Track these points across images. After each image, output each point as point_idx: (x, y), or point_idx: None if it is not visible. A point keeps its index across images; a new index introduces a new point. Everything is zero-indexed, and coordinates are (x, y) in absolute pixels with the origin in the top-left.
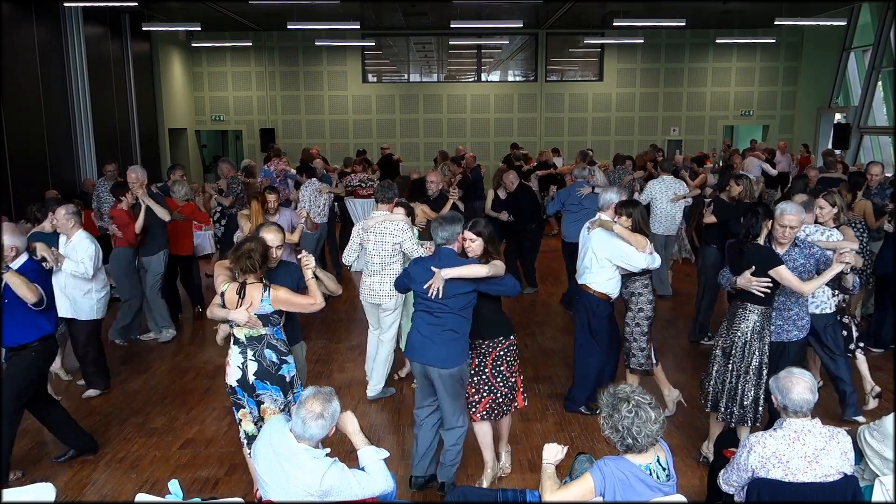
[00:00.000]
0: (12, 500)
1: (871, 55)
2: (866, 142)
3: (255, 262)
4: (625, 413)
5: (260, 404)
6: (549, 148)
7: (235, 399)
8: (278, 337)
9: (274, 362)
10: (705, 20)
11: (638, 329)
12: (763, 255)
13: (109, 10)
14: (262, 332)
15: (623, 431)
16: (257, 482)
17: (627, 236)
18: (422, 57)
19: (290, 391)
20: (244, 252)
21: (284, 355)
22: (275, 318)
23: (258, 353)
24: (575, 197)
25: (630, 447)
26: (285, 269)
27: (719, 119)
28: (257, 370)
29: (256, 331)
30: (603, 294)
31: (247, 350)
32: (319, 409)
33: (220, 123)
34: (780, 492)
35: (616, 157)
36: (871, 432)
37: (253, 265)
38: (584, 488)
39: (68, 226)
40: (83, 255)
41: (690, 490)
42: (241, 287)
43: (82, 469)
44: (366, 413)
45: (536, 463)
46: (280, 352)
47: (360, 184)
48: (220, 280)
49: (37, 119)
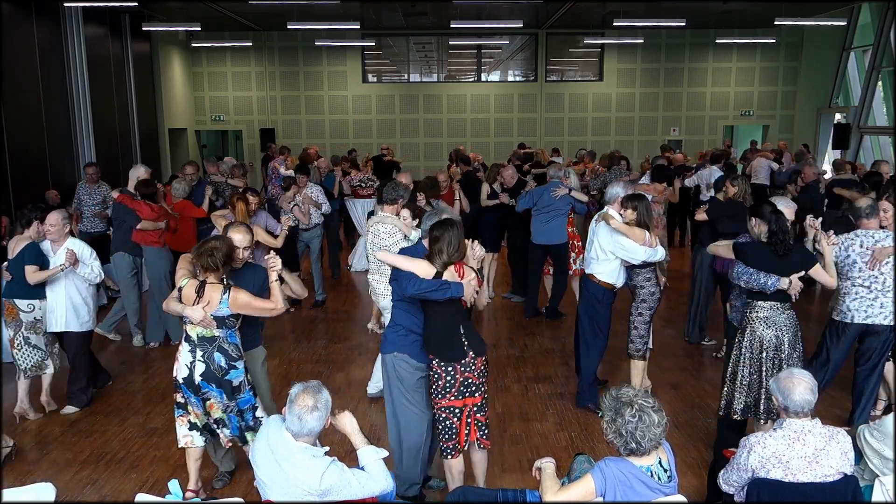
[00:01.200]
0: (12, 501)
1: (871, 55)
2: (866, 142)
3: (217, 261)
4: (628, 417)
5: (206, 401)
6: (550, 148)
7: (179, 396)
8: (231, 341)
9: (222, 367)
10: (705, 20)
11: (640, 318)
12: (804, 253)
13: (109, 10)
14: (215, 334)
15: (626, 436)
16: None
17: (625, 230)
18: (422, 57)
19: (235, 396)
20: (206, 249)
21: (234, 360)
22: (230, 321)
23: (207, 355)
24: (548, 198)
25: (633, 451)
26: (252, 271)
27: (719, 119)
28: (204, 371)
29: (209, 331)
30: (608, 284)
31: (196, 350)
32: (312, 402)
33: (220, 123)
34: (780, 492)
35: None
36: (871, 432)
37: (214, 263)
38: (584, 489)
39: (64, 231)
40: (89, 257)
41: (690, 490)
42: (200, 285)
43: (82, 469)
44: (366, 413)
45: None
46: (230, 356)
47: (360, 184)
48: (180, 273)
49: (37, 119)
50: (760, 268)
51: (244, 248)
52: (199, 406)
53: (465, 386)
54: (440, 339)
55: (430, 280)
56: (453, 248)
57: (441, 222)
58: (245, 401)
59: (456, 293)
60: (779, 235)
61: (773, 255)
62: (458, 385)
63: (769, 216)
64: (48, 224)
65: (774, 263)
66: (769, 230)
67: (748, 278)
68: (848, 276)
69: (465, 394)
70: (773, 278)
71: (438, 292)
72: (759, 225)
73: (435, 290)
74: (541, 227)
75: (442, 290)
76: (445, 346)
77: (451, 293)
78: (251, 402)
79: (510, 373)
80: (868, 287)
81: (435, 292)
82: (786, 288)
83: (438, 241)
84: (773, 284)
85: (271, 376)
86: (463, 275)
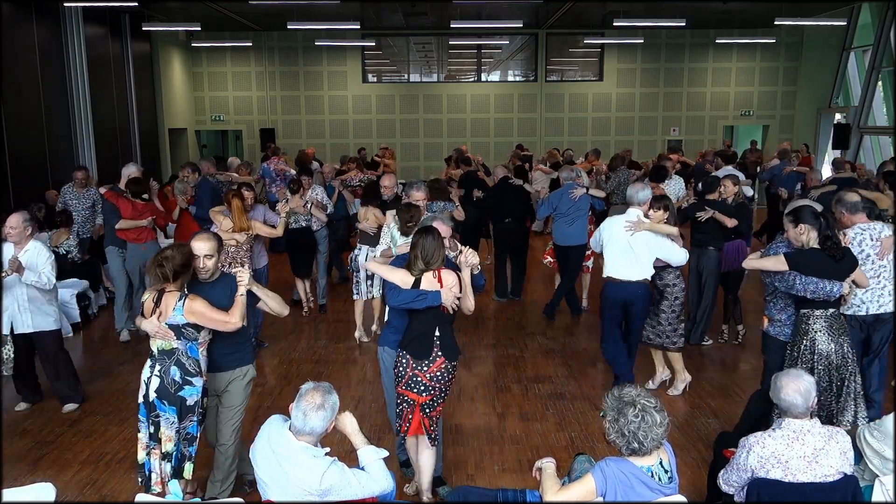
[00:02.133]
0: (12, 501)
1: (871, 55)
2: (866, 142)
3: (168, 272)
4: (631, 417)
5: (157, 426)
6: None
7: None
8: (191, 354)
9: (176, 381)
10: (705, 20)
11: (673, 314)
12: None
13: (109, 10)
14: (173, 346)
15: (629, 436)
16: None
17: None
18: (422, 57)
19: (188, 417)
20: (157, 260)
21: (191, 376)
22: (188, 330)
23: (164, 369)
24: (567, 200)
25: (635, 451)
26: (225, 282)
27: (719, 119)
28: (158, 387)
29: (168, 343)
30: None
31: (155, 364)
32: (320, 401)
33: (220, 123)
34: (779, 492)
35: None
36: (871, 432)
37: (163, 275)
38: (585, 489)
39: (25, 234)
40: (44, 264)
41: (690, 490)
42: (158, 294)
43: (82, 469)
44: (366, 413)
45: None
46: (187, 371)
47: (360, 184)
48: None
49: (37, 119)
50: (821, 276)
51: (206, 255)
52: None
53: (413, 382)
54: (412, 337)
55: (409, 291)
56: (428, 255)
57: (420, 229)
58: (193, 427)
59: (433, 302)
60: (833, 239)
61: (831, 260)
62: (406, 378)
63: (819, 221)
64: (8, 227)
65: (833, 269)
66: (821, 235)
67: (814, 288)
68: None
69: (412, 389)
70: (837, 285)
71: (416, 302)
72: (807, 231)
73: (412, 300)
74: (565, 229)
75: (419, 300)
76: (415, 344)
77: (427, 303)
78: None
79: (510, 373)
80: (878, 277)
81: (413, 303)
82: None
83: (415, 247)
84: (837, 291)
85: (271, 376)
86: (441, 281)
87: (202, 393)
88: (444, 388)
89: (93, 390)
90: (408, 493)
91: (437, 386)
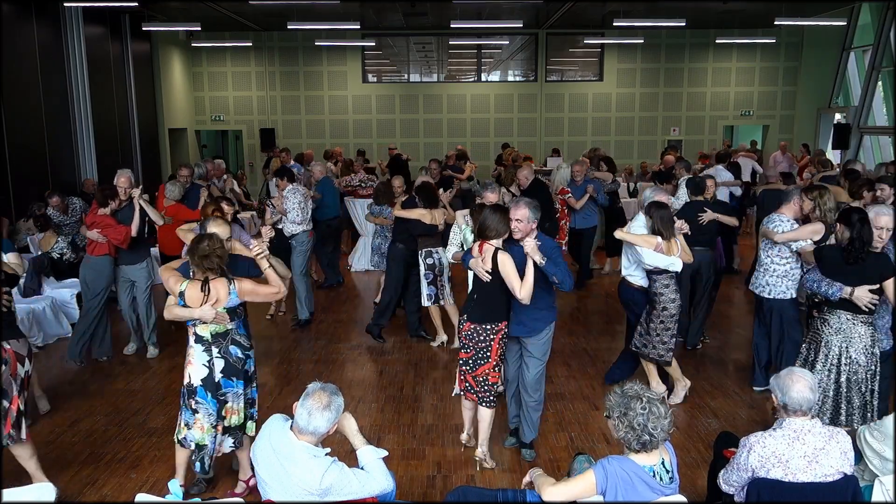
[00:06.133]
0: (12, 501)
1: (871, 55)
2: (866, 142)
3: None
4: (639, 410)
5: (223, 404)
6: (550, 149)
7: (193, 402)
8: (241, 332)
9: (240, 357)
10: (705, 20)
11: (661, 325)
12: (884, 263)
13: (109, 11)
14: (228, 328)
15: (639, 429)
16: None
17: (632, 239)
18: (422, 57)
19: (249, 385)
20: (206, 251)
21: (247, 350)
22: (241, 310)
23: (223, 350)
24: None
25: (646, 444)
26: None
27: (719, 119)
28: (224, 367)
29: (223, 326)
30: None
31: (212, 347)
32: (326, 401)
33: (220, 123)
34: (780, 492)
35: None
36: (871, 432)
37: (214, 266)
38: (585, 483)
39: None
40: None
41: (690, 490)
42: (203, 283)
43: (82, 469)
44: (366, 413)
45: (536, 463)
46: (244, 346)
47: (360, 184)
48: (172, 280)
49: (37, 119)
50: (830, 274)
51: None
52: (214, 410)
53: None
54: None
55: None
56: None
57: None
58: (254, 391)
59: (465, 264)
60: (856, 243)
61: (842, 261)
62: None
63: (854, 223)
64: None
65: (843, 271)
66: (850, 236)
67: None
68: None
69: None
70: (836, 287)
71: (463, 262)
72: (843, 231)
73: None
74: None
75: (465, 259)
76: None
77: (465, 264)
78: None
79: None
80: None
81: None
82: (847, 297)
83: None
84: (834, 293)
85: (271, 376)
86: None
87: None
88: (478, 350)
89: (93, 390)
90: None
91: (470, 345)
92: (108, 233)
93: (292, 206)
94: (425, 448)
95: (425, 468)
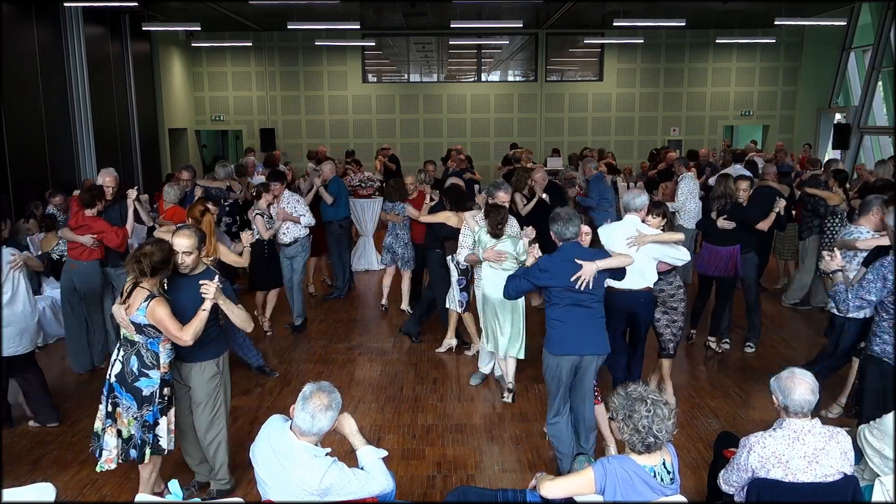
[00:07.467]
0: (12, 501)
1: (871, 55)
2: (866, 142)
3: (145, 268)
4: (643, 412)
5: (115, 406)
6: (550, 149)
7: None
8: (150, 348)
9: (133, 371)
10: (705, 20)
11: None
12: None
13: (109, 11)
14: (134, 338)
15: (644, 431)
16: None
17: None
18: (422, 57)
19: (145, 406)
20: (137, 254)
21: (147, 369)
22: (148, 330)
23: (125, 356)
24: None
25: (650, 446)
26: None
27: (719, 119)
28: (118, 372)
29: (130, 335)
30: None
31: (120, 349)
32: (327, 401)
33: (220, 123)
34: (780, 492)
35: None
36: (871, 431)
37: (142, 270)
38: (584, 479)
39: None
40: None
41: (690, 490)
42: (133, 286)
43: (82, 469)
44: (366, 413)
45: (536, 463)
46: (143, 363)
47: (361, 184)
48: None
49: (37, 119)
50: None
51: (185, 251)
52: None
53: None
54: None
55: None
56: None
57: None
58: (151, 415)
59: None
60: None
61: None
62: None
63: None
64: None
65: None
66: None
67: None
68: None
69: None
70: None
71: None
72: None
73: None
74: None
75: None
76: None
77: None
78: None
79: None
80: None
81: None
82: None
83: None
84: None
85: (270, 377)
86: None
87: (160, 385)
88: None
89: (93, 389)
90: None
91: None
92: (104, 237)
93: (303, 208)
94: (425, 448)
95: (425, 468)
